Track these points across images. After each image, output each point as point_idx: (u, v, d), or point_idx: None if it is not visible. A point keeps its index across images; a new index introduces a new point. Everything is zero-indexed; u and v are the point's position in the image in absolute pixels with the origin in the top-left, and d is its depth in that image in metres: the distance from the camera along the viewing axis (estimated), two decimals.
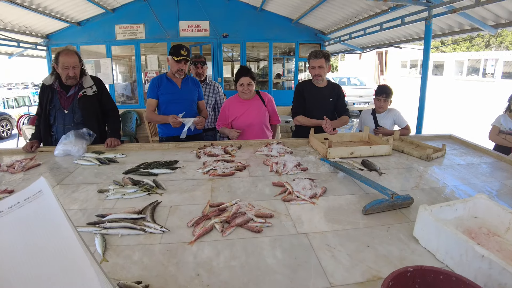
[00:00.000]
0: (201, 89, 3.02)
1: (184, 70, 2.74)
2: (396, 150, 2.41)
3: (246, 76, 2.76)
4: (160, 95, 2.76)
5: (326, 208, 1.48)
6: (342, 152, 2.22)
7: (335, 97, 2.82)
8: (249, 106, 2.84)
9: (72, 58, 2.40)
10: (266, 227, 1.29)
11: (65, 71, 2.41)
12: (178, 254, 1.12)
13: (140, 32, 6.82)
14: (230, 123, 2.87)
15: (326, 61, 2.69)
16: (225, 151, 2.31)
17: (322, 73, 2.71)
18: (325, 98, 2.79)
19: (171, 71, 2.77)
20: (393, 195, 1.43)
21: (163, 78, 2.81)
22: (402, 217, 1.40)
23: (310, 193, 1.58)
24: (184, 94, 2.80)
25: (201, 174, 1.92)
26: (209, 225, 1.28)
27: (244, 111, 2.83)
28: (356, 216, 1.40)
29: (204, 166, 2.03)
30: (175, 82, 2.80)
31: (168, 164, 2.05)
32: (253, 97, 2.89)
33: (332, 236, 1.24)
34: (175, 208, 1.48)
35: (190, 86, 2.85)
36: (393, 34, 5.91)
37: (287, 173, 1.91)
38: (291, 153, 2.32)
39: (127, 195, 1.58)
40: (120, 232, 1.25)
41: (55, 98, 2.47)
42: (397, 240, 1.22)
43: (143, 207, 1.44)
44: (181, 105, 2.73)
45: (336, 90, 2.84)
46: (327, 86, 2.82)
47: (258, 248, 1.16)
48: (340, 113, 2.90)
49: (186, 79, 2.85)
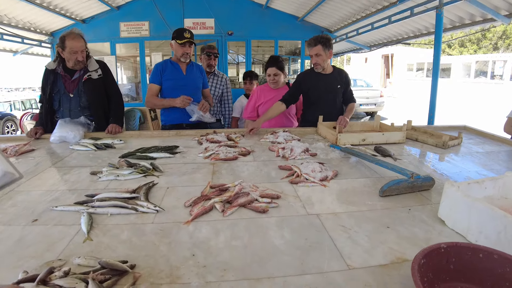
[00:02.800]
0: (206, 76, 2.91)
1: (190, 53, 2.61)
2: (409, 138, 2.27)
3: (273, 67, 2.79)
4: (164, 81, 2.64)
5: (338, 190, 1.34)
6: (353, 138, 2.08)
7: (343, 83, 2.66)
8: (277, 93, 2.83)
9: (79, 42, 2.31)
10: (272, 208, 1.16)
11: (73, 55, 2.31)
12: (172, 234, 0.99)
13: (145, 30, 6.77)
14: (256, 108, 2.89)
15: (324, 47, 2.47)
16: (228, 138, 2.19)
17: (320, 61, 2.52)
18: (333, 85, 2.63)
19: (176, 56, 2.66)
20: (413, 175, 1.28)
21: (167, 63, 2.70)
22: (423, 199, 1.26)
23: (320, 176, 1.45)
24: (189, 80, 2.68)
25: (202, 158, 1.80)
26: (208, 204, 1.16)
27: (271, 97, 2.84)
28: (373, 198, 1.27)
29: (205, 151, 1.91)
30: (180, 67, 2.68)
31: (167, 149, 1.94)
32: (282, 86, 2.91)
33: (347, 217, 1.10)
34: (172, 189, 1.36)
35: (195, 72, 2.74)
36: (401, 30, 5.76)
37: (295, 158, 1.78)
38: (299, 140, 2.18)
39: (121, 177, 1.47)
40: (109, 211, 1.13)
41: (59, 82, 2.39)
42: (420, 222, 1.08)
43: (137, 187, 1.32)
44: (186, 92, 2.60)
45: (343, 76, 2.69)
46: (333, 73, 2.65)
47: (264, 228, 1.03)
48: (347, 100, 2.74)
49: (191, 65, 2.74)
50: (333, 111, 2.61)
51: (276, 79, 2.78)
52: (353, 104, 2.68)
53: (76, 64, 2.35)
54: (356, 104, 2.77)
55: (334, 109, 2.63)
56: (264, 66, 2.86)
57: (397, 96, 18.27)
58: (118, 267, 0.81)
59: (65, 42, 2.29)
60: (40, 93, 2.48)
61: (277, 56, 2.87)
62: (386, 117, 11.67)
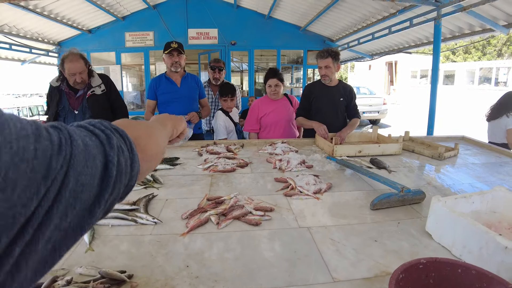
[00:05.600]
0: (202, 86, 2.98)
1: (180, 62, 2.69)
2: (406, 150, 2.31)
3: (274, 78, 2.85)
4: (159, 95, 2.73)
5: (331, 203, 1.39)
6: (350, 150, 2.13)
7: (346, 97, 2.73)
8: (277, 105, 2.91)
9: (77, 63, 2.35)
10: (265, 220, 1.21)
11: (71, 77, 2.37)
12: (168, 245, 1.04)
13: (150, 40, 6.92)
14: (259, 120, 2.94)
15: (334, 60, 2.59)
16: (228, 149, 2.25)
17: (329, 73, 2.62)
18: (335, 97, 2.70)
19: (168, 68, 2.75)
20: (403, 188, 1.32)
21: (161, 77, 2.78)
22: (413, 212, 1.30)
23: (314, 188, 1.50)
24: (183, 92, 2.76)
25: (201, 170, 1.86)
26: (204, 217, 1.21)
27: (273, 109, 2.90)
28: (363, 211, 1.31)
29: (205, 162, 1.97)
30: (173, 80, 2.76)
31: (168, 160, 2.00)
32: (281, 98, 2.98)
33: (337, 230, 1.15)
34: (170, 201, 1.41)
35: (190, 84, 2.81)
36: (401, 39, 5.83)
37: (291, 170, 1.83)
38: (296, 151, 2.23)
39: None
40: (110, 222, 1.18)
41: (64, 99, 2.45)
42: (408, 235, 1.11)
43: (137, 199, 1.38)
44: (181, 104, 2.69)
45: (348, 91, 2.76)
46: (337, 86, 2.73)
47: (255, 240, 1.08)
48: (351, 115, 2.80)
49: (186, 76, 2.82)
50: (334, 123, 2.66)
51: (277, 90, 2.85)
52: (356, 120, 2.73)
53: (76, 85, 2.41)
54: (359, 112, 2.82)
55: (335, 121, 2.68)
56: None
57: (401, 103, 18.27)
58: (116, 276, 0.86)
59: (64, 64, 2.35)
60: (47, 108, 2.55)
61: (276, 68, 2.95)
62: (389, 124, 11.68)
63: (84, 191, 0.34)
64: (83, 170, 0.34)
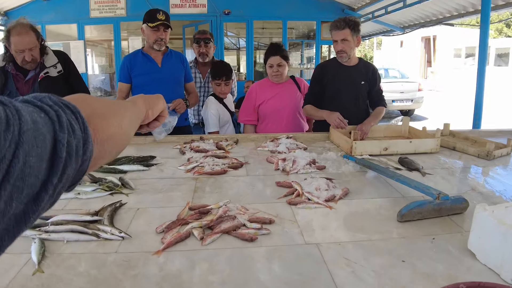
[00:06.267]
0: (189, 67, 2.99)
1: (165, 39, 2.69)
2: (445, 147, 2.31)
3: (275, 55, 2.81)
4: (134, 77, 2.73)
5: (347, 213, 1.39)
6: (373, 147, 2.13)
7: (368, 80, 2.72)
8: (281, 89, 2.90)
9: (26, 37, 2.31)
10: (262, 235, 1.21)
11: (19, 55, 2.34)
12: (138, 266, 1.04)
13: (121, 8, 6.91)
14: (256, 109, 2.94)
15: (353, 31, 2.56)
16: (218, 146, 2.25)
17: (346, 49, 2.59)
18: (355, 80, 2.69)
19: (148, 43, 2.74)
20: (440, 195, 1.32)
21: (137, 55, 2.79)
22: (453, 225, 1.29)
23: (326, 195, 1.50)
24: (165, 73, 2.76)
25: (183, 172, 1.86)
26: (185, 230, 1.21)
27: (275, 94, 2.89)
28: (389, 223, 1.31)
29: (188, 162, 1.97)
30: (153, 58, 2.77)
31: (141, 159, 2.00)
32: (286, 80, 2.96)
33: (353, 247, 1.14)
34: (143, 211, 1.41)
35: (174, 63, 2.82)
36: (441, 7, 5.81)
37: (297, 171, 1.84)
38: (305, 149, 2.23)
39: (83, 194, 1.53)
40: (65, 237, 1.18)
41: (10, 83, 2.44)
42: (445, 254, 1.11)
43: (100, 208, 1.38)
44: (162, 89, 2.66)
45: (370, 71, 2.75)
46: (358, 66, 2.72)
47: (249, 260, 1.07)
48: (374, 103, 2.80)
49: (169, 54, 2.82)
50: (354, 114, 2.66)
51: (280, 71, 2.83)
52: (381, 109, 2.73)
53: (25, 65, 2.40)
54: (388, 100, 2.82)
55: (355, 111, 2.68)
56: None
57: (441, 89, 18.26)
58: None
59: (9, 38, 2.31)
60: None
61: (279, 43, 2.93)
62: (426, 116, 11.69)
63: (31, 174, 0.36)
64: (31, 150, 0.36)
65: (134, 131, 0.72)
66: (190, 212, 1.37)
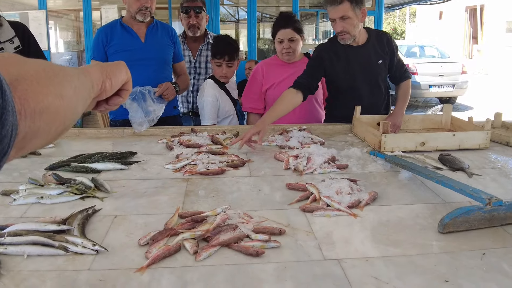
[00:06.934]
0: (179, 44, 3.01)
1: (150, 8, 2.69)
2: (497, 141, 2.33)
3: (286, 28, 2.81)
4: (111, 54, 2.74)
5: (375, 223, 1.40)
6: (407, 141, 2.14)
7: (386, 56, 2.70)
8: (293, 70, 2.88)
9: None
10: (271, 248, 1.21)
11: None
12: (117, 286, 1.05)
13: None
14: (263, 94, 2.95)
15: (354, 4, 2.48)
16: (214, 140, 2.26)
17: (349, 28, 2.52)
18: (370, 61, 2.68)
19: (129, 12, 2.75)
20: (491, 200, 1.32)
21: (115, 26, 2.80)
22: (507, 238, 1.30)
23: (349, 200, 1.51)
24: (150, 50, 2.78)
25: (171, 171, 1.88)
26: (174, 243, 1.21)
27: (286, 77, 2.88)
28: (428, 235, 1.31)
29: (177, 160, 1.99)
30: (135, 32, 2.78)
31: (119, 157, 2.02)
32: (299, 59, 2.96)
33: (385, 264, 1.15)
34: (122, 219, 1.42)
35: (160, 38, 2.83)
36: None
37: (313, 171, 1.85)
38: (322, 144, 2.24)
39: (46, 199, 1.54)
40: (26, 250, 1.19)
41: None
42: (497, 273, 1.12)
43: (69, 215, 1.39)
44: (146, 69, 2.69)
45: (385, 44, 2.71)
46: (368, 43, 2.69)
47: (255, 279, 1.08)
48: (398, 78, 2.78)
49: (155, 26, 2.83)
50: (372, 102, 2.67)
51: (293, 47, 2.84)
52: (407, 85, 2.72)
53: None
54: (424, 85, 2.80)
55: (376, 97, 2.70)
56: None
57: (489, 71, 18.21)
58: None
59: None
60: None
61: (291, 13, 2.92)
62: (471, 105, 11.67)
63: None
64: None
65: (83, 106, 0.66)
66: (181, 220, 1.38)
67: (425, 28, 24.05)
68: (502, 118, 2.60)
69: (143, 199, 1.59)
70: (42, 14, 7.01)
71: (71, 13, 9.79)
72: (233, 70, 2.98)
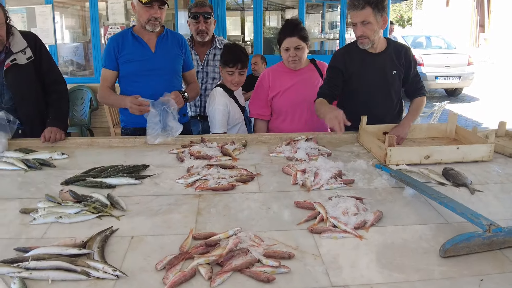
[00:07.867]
0: (189, 50, 3.02)
1: (160, 18, 2.70)
2: (500, 153, 2.34)
3: (292, 36, 2.83)
4: (122, 64, 2.77)
5: (380, 245, 1.44)
6: (412, 154, 2.17)
7: (402, 67, 2.74)
8: (299, 77, 2.93)
9: None
10: (280, 274, 1.26)
11: None
12: None
13: None
14: (269, 101, 2.97)
15: (376, 10, 2.51)
16: (223, 152, 2.31)
17: (369, 33, 2.57)
18: (384, 70, 2.71)
19: (140, 23, 2.77)
20: (491, 226, 1.37)
21: (127, 36, 2.81)
22: (506, 263, 1.34)
23: (355, 221, 1.55)
24: (160, 60, 2.80)
25: (183, 187, 1.92)
26: (190, 268, 1.27)
27: (292, 84, 2.93)
28: (430, 259, 1.35)
29: (188, 174, 2.03)
30: (145, 42, 2.80)
31: (132, 170, 2.06)
32: (305, 66, 2.98)
33: None
34: (138, 240, 1.47)
35: (170, 47, 2.85)
36: None
37: (320, 187, 1.89)
38: (329, 155, 2.28)
39: (65, 218, 1.59)
40: (50, 275, 1.24)
41: None
42: None
43: (88, 238, 1.44)
44: (157, 79, 2.74)
45: (402, 56, 2.75)
46: (386, 51, 2.72)
47: None
48: (412, 92, 2.83)
49: (165, 36, 2.85)
50: (384, 111, 2.71)
51: (299, 55, 2.86)
52: (421, 101, 2.76)
53: None
54: (430, 76, 2.84)
55: (385, 109, 2.73)
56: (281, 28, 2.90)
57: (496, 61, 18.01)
58: None
59: None
60: None
61: (296, 20, 2.94)
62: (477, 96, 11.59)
63: None
64: None
65: None
66: (195, 242, 1.43)
67: (432, 16, 23.75)
68: (506, 127, 2.63)
69: (158, 217, 1.63)
70: (48, 9, 6.99)
71: (77, 3, 9.73)
72: (244, 77, 2.99)
